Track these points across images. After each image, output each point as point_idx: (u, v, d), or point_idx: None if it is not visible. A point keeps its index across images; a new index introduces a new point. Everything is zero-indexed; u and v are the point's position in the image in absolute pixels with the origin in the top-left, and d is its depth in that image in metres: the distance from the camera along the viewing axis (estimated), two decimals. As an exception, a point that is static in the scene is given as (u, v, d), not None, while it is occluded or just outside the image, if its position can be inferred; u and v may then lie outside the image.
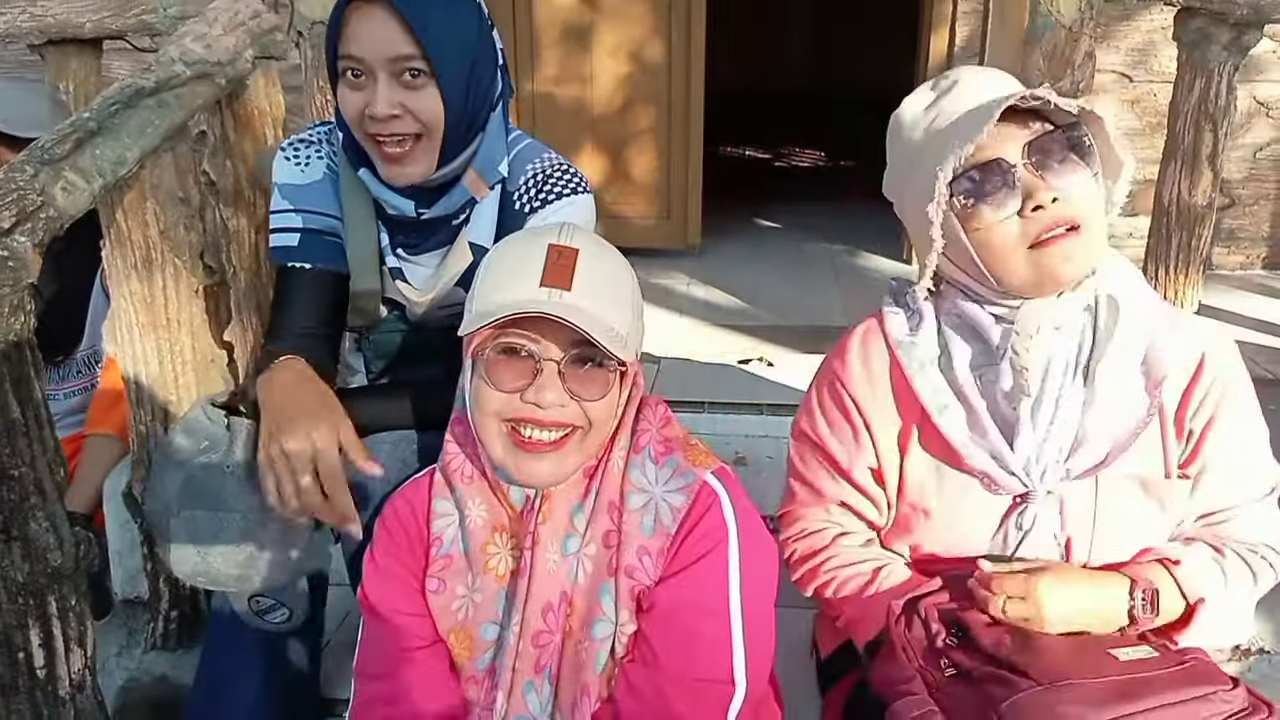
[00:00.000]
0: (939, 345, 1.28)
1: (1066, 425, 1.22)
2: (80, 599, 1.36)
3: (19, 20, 2.28)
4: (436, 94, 1.32)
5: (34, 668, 1.33)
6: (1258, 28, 2.10)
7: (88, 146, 1.37)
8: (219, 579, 1.23)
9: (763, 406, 2.38)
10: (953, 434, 1.24)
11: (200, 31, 1.67)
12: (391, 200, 1.41)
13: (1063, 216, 1.15)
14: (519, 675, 1.15)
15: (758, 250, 4.03)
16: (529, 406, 1.09)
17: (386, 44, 1.29)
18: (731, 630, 1.13)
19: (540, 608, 1.15)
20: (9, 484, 1.24)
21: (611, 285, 1.12)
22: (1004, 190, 1.16)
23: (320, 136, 1.52)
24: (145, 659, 1.74)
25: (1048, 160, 1.16)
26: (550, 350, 1.09)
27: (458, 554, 1.19)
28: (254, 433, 1.23)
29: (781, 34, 8.59)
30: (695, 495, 1.14)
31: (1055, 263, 1.16)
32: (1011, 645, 1.14)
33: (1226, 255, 3.63)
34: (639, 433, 1.19)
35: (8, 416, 1.22)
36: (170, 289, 1.58)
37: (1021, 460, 1.23)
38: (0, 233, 1.19)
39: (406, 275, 1.50)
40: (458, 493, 1.19)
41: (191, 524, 1.20)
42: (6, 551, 1.27)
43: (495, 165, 1.44)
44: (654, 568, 1.14)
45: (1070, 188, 1.15)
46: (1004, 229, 1.16)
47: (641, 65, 3.72)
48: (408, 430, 1.45)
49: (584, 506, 1.16)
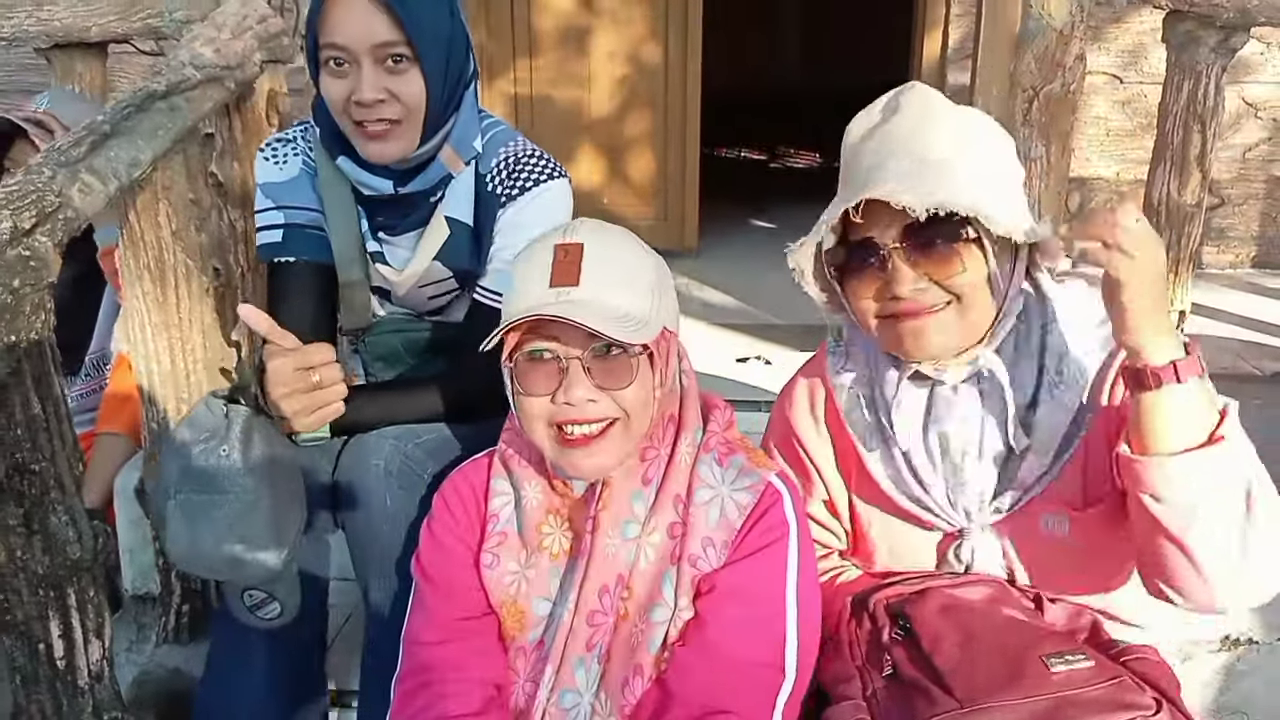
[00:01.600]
0: (869, 384, 1.30)
1: (985, 471, 1.22)
2: (98, 591, 1.39)
3: (25, 24, 2.30)
4: (419, 77, 1.36)
5: (54, 658, 1.36)
6: (1244, 30, 2.15)
7: (102, 149, 1.40)
8: (210, 563, 1.25)
9: (761, 404, 2.41)
10: (878, 475, 1.28)
11: (209, 36, 1.70)
12: (369, 182, 1.45)
13: (920, 305, 1.15)
14: (570, 651, 1.19)
15: (754, 251, 4.06)
16: (564, 407, 1.13)
17: (370, 32, 1.32)
18: (786, 619, 1.16)
19: (597, 589, 1.19)
20: (30, 478, 1.28)
21: (623, 271, 1.15)
22: (871, 270, 1.18)
23: (296, 134, 1.56)
24: (158, 653, 1.77)
25: (923, 250, 1.14)
26: (571, 348, 1.12)
27: (512, 532, 1.24)
28: (250, 422, 1.26)
29: (775, 35, 8.63)
30: (761, 494, 1.19)
31: (905, 336, 1.18)
32: (947, 648, 1.13)
33: (1216, 254, 3.67)
34: (709, 434, 1.23)
35: (29, 412, 1.25)
36: (182, 289, 1.61)
37: (942, 502, 1.25)
38: (21, 233, 1.22)
39: (386, 257, 1.54)
40: (514, 476, 1.25)
41: (187, 506, 1.23)
42: (28, 544, 1.30)
43: (470, 141, 1.48)
44: (717, 558, 1.18)
45: (945, 274, 1.14)
46: (867, 302, 1.20)
47: (639, 68, 3.75)
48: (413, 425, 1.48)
49: (644, 494, 1.20)
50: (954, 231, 1.13)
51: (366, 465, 1.41)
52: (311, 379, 1.28)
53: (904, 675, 1.14)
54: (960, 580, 1.25)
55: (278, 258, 1.52)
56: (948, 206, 1.10)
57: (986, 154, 1.19)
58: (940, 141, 1.17)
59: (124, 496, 1.95)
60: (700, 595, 1.18)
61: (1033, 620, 1.19)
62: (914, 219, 1.11)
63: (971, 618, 1.18)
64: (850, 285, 1.22)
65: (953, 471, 1.23)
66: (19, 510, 1.28)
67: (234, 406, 1.27)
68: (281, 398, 1.28)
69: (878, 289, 1.18)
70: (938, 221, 1.11)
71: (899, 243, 1.14)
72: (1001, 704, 1.04)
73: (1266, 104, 3.49)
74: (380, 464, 1.40)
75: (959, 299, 1.16)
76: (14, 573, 1.31)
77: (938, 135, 1.17)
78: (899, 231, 1.14)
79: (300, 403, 1.29)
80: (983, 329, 1.19)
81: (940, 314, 1.16)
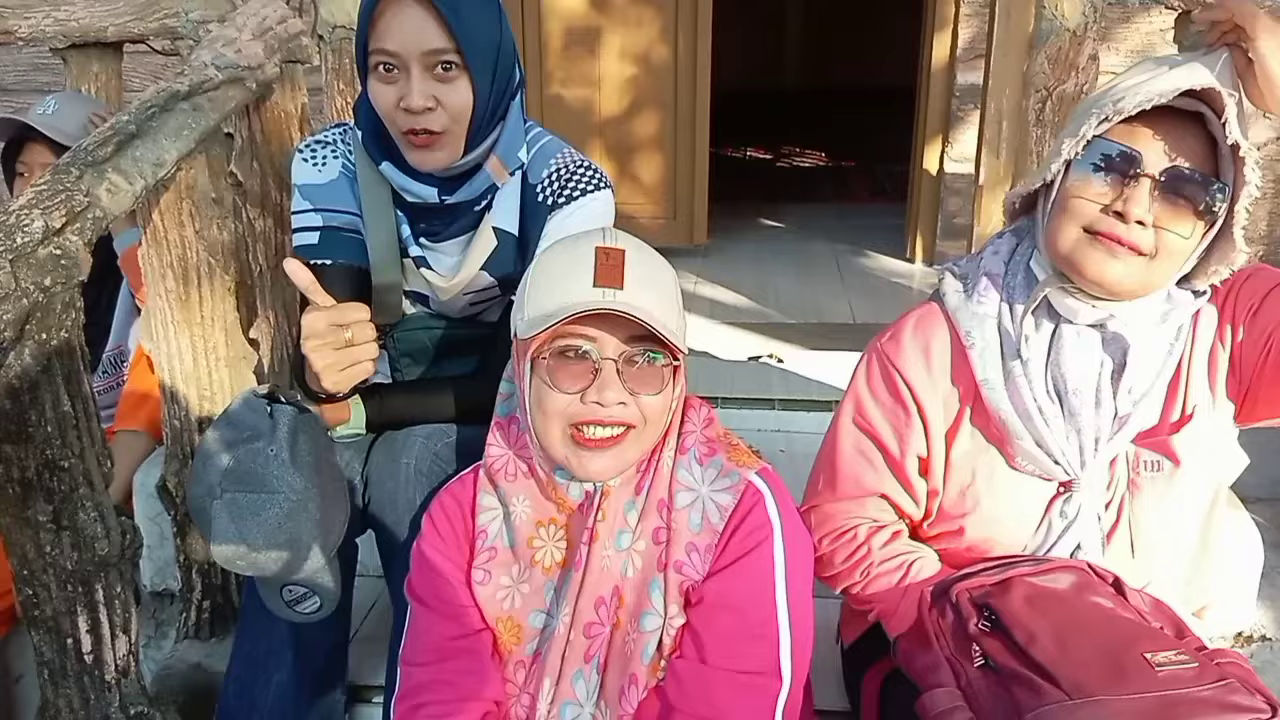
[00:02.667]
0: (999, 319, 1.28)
1: (1101, 420, 1.23)
2: (125, 587, 1.40)
3: (43, 24, 2.31)
4: (468, 86, 1.36)
5: (82, 653, 1.37)
6: (1257, 31, 2.14)
7: (128, 149, 1.42)
8: (258, 562, 1.26)
9: (774, 401, 2.42)
10: (1004, 412, 1.25)
11: (230, 36, 1.72)
12: (414, 189, 1.44)
13: (1137, 240, 1.15)
14: (568, 664, 1.19)
15: (763, 249, 4.07)
16: (591, 407, 1.12)
17: (421, 38, 1.32)
18: (778, 623, 1.17)
19: (593, 600, 1.19)
20: (60, 475, 1.29)
21: (658, 283, 1.16)
22: (1115, 179, 1.16)
23: (335, 137, 1.55)
24: (179, 648, 1.78)
25: (1173, 194, 1.14)
26: (606, 349, 1.12)
27: (502, 547, 1.23)
28: (296, 421, 1.27)
29: (783, 34, 8.64)
30: (741, 494, 1.18)
31: (1094, 256, 1.17)
32: (1043, 640, 1.11)
33: (1225, 253, 3.67)
34: (684, 434, 1.23)
35: (59, 410, 1.27)
36: (205, 287, 1.63)
37: (1062, 444, 1.24)
38: (52, 232, 1.23)
39: (431, 263, 1.54)
40: (501, 490, 1.24)
41: (234, 505, 1.23)
42: (57, 540, 1.31)
43: (515, 151, 1.48)
44: (701, 563, 1.18)
45: (1173, 225, 1.15)
46: (1085, 202, 1.18)
47: (649, 68, 3.75)
48: (443, 424, 1.49)
49: (636, 503, 1.20)
50: (1209, 201, 1.14)
51: (396, 464, 1.42)
52: (344, 335, 1.28)
53: (1000, 666, 1.13)
54: (1041, 568, 1.24)
55: (313, 260, 1.52)
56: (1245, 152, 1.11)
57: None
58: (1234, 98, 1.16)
59: (143, 493, 1.96)
60: (691, 606, 1.18)
61: (1122, 611, 1.18)
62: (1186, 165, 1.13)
63: (1061, 608, 1.17)
64: (1080, 179, 1.18)
65: (1069, 414, 1.23)
66: (48, 506, 1.30)
67: (278, 406, 1.28)
68: (313, 350, 1.27)
69: (1107, 199, 1.16)
70: (1206, 183, 1.13)
71: (1161, 175, 1.14)
72: (1112, 698, 1.03)
73: (1275, 104, 3.49)
74: (410, 463, 1.42)
75: (1157, 256, 1.16)
76: (43, 568, 1.33)
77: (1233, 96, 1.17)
78: (1168, 166, 1.14)
79: (331, 358, 1.28)
80: (1150, 290, 1.20)
81: (1135, 257, 1.16)
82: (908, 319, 1.35)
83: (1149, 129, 1.15)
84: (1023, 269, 1.29)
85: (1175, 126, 1.15)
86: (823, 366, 2.60)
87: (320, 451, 1.32)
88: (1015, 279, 1.29)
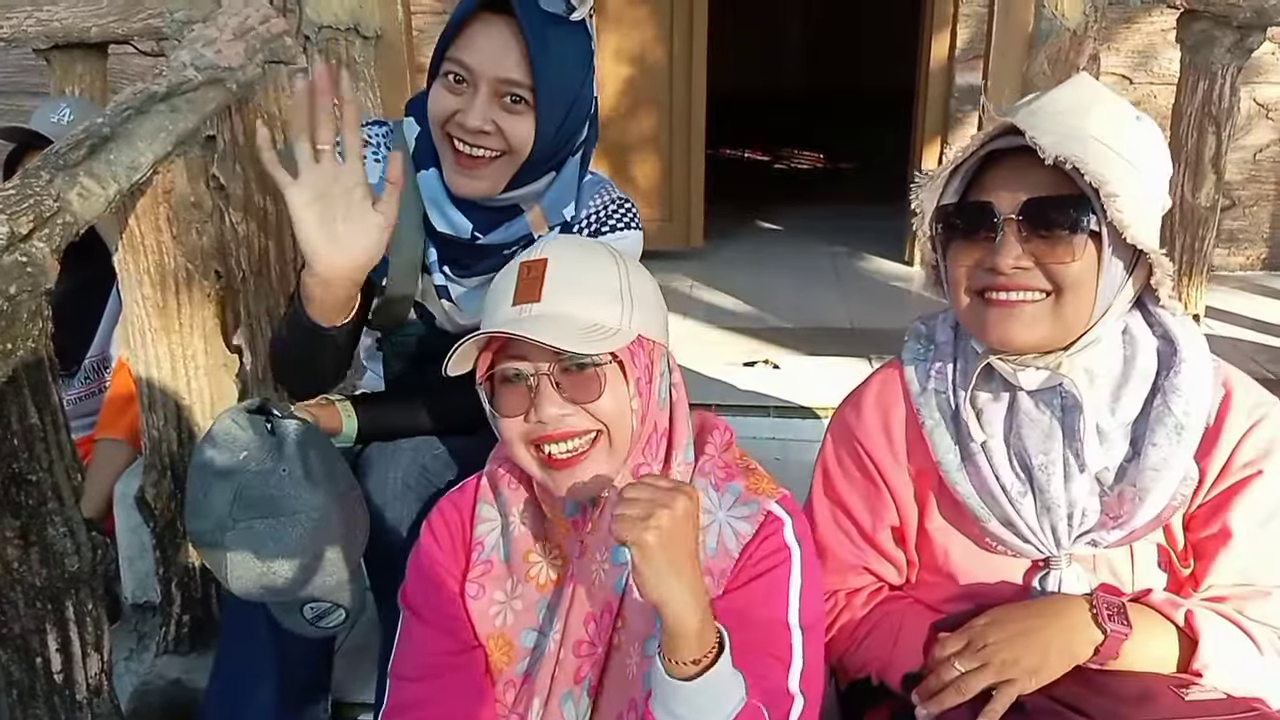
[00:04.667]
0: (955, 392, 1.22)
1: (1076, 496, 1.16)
2: (96, 603, 1.37)
3: (25, 25, 2.28)
4: (531, 123, 1.32)
5: (51, 672, 1.33)
6: (1260, 30, 2.12)
7: (102, 152, 1.37)
8: (284, 589, 1.21)
9: (769, 409, 2.38)
10: (965, 494, 1.20)
11: (210, 37, 1.67)
12: (450, 218, 1.40)
13: (1016, 284, 1.11)
14: (557, 684, 1.16)
15: (759, 252, 4.04)
16: (538, 425, 1.10)
17: (501, 63, 1.29)
18: (793, 643, 1.13)
19: (583, 617, 1.16)
20: (27, 489, 1.25)
21: (590, 282, 1.13)
22: (979, 237, 1.12)
23: (378, 138, 1.50)
24: (158, 663, 1.74)
25: (1038, 226, 1.10)
26: (538, 365, 1.10)
27: (498, 560, 1.20)
28: (303, 433, 1.22)
29: (780, 36, 8.62)
30: (760, 524, 1.15)
31: (991, 320, 1.13)
32: (1069, 681, 1.09)
33: (1228, 256, 3.64)
34: (703, 456, 1.19)
35: (26, 422, 1.23)
36: (183, 293, 1.59)
37: (1032, 523, 1.18)
38: (18, 239, 1.19)
39: (452, 295, 1.49)
40: (502, 499, 1.21)
41: (250, 535, 1.17)
42: (25, 557, 1.28)
43: (561, 208, 1.45)
44: (715, 586, 1.14)
45: (1053, 258, 1.10)
46: (965, 269, 1.15)
47: (644, 70, 3.73)
48: (431, 435, 1.45)
49: None
50: (1075, 218, 1.08)
51: (384, 478, 1.39)
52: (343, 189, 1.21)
53: (1023, 703, 1.09)
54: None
55: None
56: (1076, 163, 1.05)
57: (1137, 152, 1.12)
58: (1097, 121, 1.11)
59: (123, 504, 1.93)
60: None
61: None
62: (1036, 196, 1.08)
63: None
64: (953, 249, 1.16)
65: (1039, 490, 1.17)
66: (15, 522, 1.26)
67: (279, 421, 1.23)
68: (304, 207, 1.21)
69: (979, 258, 1.13)
70: (1062, 203, 1.08)
71: (1016, 214, 1.10)
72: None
73: (1278, 105, 3.46)
74: (397, 476, 1.38)
75: (1058, 293, 1.10)
76: (10, 585, 1.29)
77: (1098, 114, 1.12)
78: (1020, 204, 1.10)
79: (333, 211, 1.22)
80: (1073, 333, 1.13)
81: (1033, 305, 1.11)
82: (870, 386, 1.31)
83: (991, 179, 1.13)
84: (970, 338, 1.22)
85: (1015, 165, 1.11)
86: (820, 372, 2.56)
87: (331, 460, 1.27)
88: (965, 349, 1.23)
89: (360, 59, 2.14)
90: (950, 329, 1.26)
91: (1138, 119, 1.14)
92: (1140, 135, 1.14)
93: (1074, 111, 1.12)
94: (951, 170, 1.17)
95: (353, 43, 2.12)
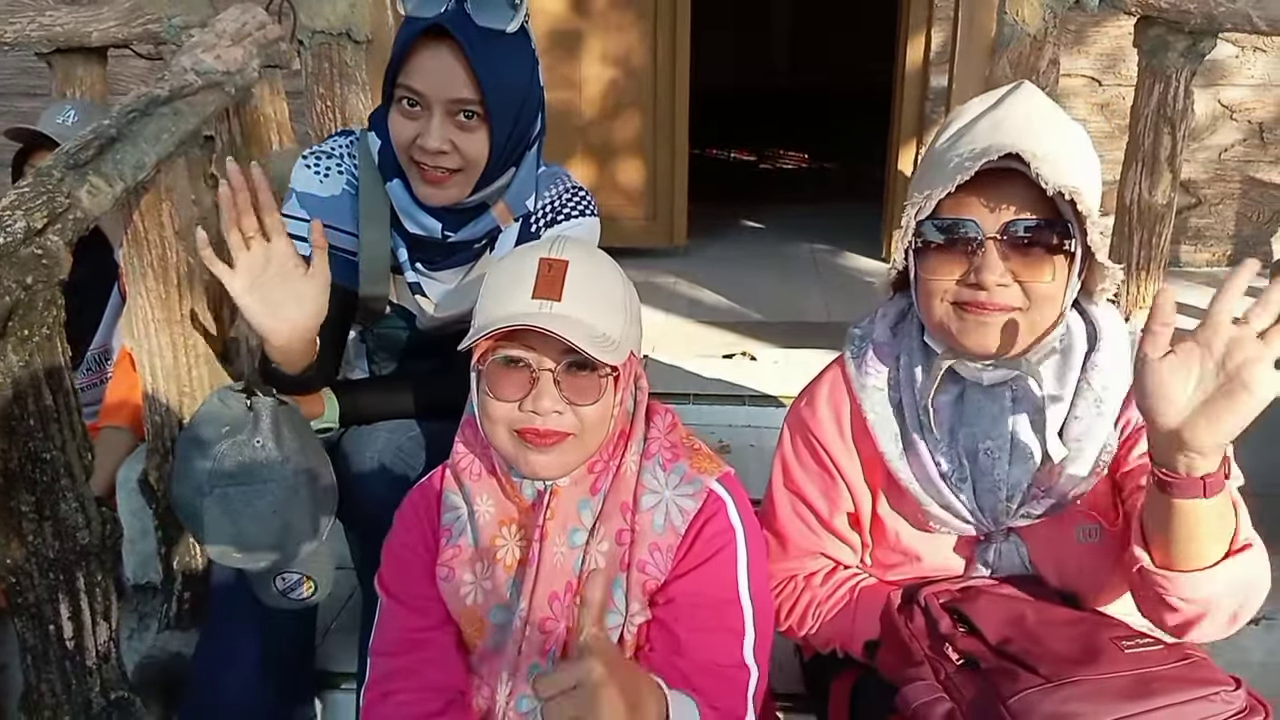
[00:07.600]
0: (897, 388, 1.29)
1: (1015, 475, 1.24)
2: (106, 575, 1.45)
3: (28, 29, 2.36)
4: (485, 135, 1.39)
5: (64, 638, 1.42)
6: (1212, 35, 2.21)
7: (109, 152, 1.46)
8: (254, 553, 1.30)
9: (745, 398, 2.48)
10: (907, 482, 1.27)
11: (210, 42, 1.76)
12: (419, 220, 1.47)
13: (1004, 301, 1.15)
14: (524, 658, 1.23)
15: (742, 249, 4.12)
16: (529, 415, 1.16)
17: (449, 85, 1.35)
18: (744, 618, 1.22)
19: (546, 596, 1.23)
20: (42, 467, 1.34)
21: (601, 293, 1.19)
22: (960, 252, 1.16)
23: (341, 150, 1.56)
24: (160, 638, 1.82)
25: (1021, 245, 1.14)
26: (544, 359, 1.15)
27: (466, 544, 1.27)
28: (277, 412, 1.31)
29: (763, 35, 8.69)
30: (703, 501, 1.23)
31: (970, 328, 1.17)
32: (1016, 637, 1.16)
33: (1194, 253, 3.74)
34: (650, 440, 1.27)
35: (41, 403, 1.31)
36: (185, 286, 1.67)
37: (971, 505, 1.25)
38: (34, 232, 1.28)
39: (425, 290, 1.56)
40: (466, 489, 1.28)
41: (225, 500, 1.27)
42: (39, 530, 1.36)
43: (524, 199, 1.52)
44: (664, 563, 1.22)
45: (1033, 277, 1.15)
46: (941, 281, 1.18)
47: (628, 70, 3.80)
48: (406, 420, 1.53)
49: (591, 503, 1.24)
50: (1055, 240, 1.14)
51: (362, 457, 1.47)
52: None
53: (978, 659, 1.16)
54: (999, 580, 1.29)
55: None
56: (1072, 195, 1.10)
57: (1089, 162, 1.19)
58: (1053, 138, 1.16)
59: (125, 488, 2.00)
60: (659, 605, 1.23)
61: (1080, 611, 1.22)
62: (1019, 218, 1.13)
63: (1027, 609, 1.21)
64: (930, 260, 1.19)
65: (980, 474, 1.25)
66: (31, 497, 1.35)
67: (257, 399, 1.32)
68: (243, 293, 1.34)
69: (961, 272, 1.17)
70: (1047, 226, 1.13)
71: (1000, 234, 1.14)
72: (1087, 678, 1.06)
73: (1242, 106, 3.56)
74: (375, 456, 1.46)
75: (1032, 306, 1.16)
76: (26, 557, 1.37)
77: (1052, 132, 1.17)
78: (1003, 224, 1.14)
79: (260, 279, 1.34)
80: (1037, 336, 1.20)
81: (1007, 316, 1.16)
82: (821, 382, 1.37)
83: (974, 194, 1.15)
84: (916, 338, 1.29)
85: (999, 182, 1.14)
86: (797, 363, 2.65)
87: (304, 436, 1.36)
88: (909, 345, 1.29)
89: (352, 63, 2.23)
90: (888, 329, 1.32)
91: (1066, 116, 1.23)
92: (1082, 141, 1.21)
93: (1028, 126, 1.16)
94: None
95: (345, 47, 2.21)
